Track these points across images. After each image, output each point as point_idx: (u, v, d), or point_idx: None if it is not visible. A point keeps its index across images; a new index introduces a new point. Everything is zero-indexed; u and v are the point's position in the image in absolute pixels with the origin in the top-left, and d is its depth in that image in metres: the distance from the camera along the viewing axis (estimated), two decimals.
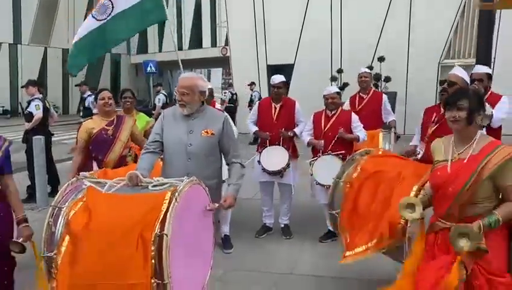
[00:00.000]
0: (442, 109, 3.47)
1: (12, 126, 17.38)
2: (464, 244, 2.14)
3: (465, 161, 2.27)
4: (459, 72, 3.54)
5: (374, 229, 3.02)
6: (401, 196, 2.62)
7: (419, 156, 3.61)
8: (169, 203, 2.26)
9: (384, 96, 5.47)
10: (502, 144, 2.28)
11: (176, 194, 2.31)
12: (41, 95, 6.88)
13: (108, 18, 5.38)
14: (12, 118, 23.24)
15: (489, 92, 3.97)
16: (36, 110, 6.61)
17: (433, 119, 3.58)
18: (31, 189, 6.48)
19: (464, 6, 12.77)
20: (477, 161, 2.23)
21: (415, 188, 2.85)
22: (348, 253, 3.15)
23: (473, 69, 4.21)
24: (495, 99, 3.89)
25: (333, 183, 3.49)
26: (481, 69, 4.15)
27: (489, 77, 4.03)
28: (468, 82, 3.56)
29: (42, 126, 6.68)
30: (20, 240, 2.76)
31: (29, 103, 6.74)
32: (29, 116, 6.65)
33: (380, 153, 3.64)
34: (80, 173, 3.65)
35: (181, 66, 5.70)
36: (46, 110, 6.78)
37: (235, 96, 14.31)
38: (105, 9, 5.42)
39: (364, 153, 3.54)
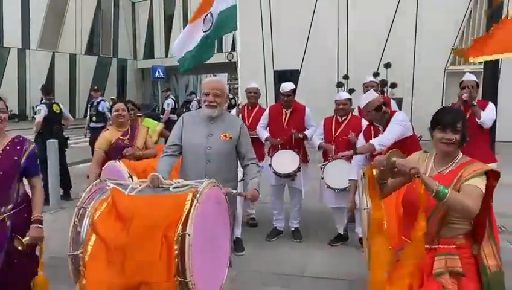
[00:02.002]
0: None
1: (20, 130, 17.57)
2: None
3: (445, 174, 2.22)
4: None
5: None
6: None
7: None
8: (191, 204, 2.35)
9: (393, 102, 5.57)
10: (476, 161, 2.24)
11: (197, 195, 2.40)
12: (44, 100, 6.97)
13: (210, 29, 5.70)
14: (20, 122, 23.45)
15: (477, 99, 4.53)
16: (37, 114, 6.78)
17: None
18: (44, 191, 6.56)
19: (470, 12, 12.85)
20: (455, 173, 2.19)
21: None
22: None
23: (463, 76, 4.66)
24: (484, 104, 4.51)
25: (365, 213, 3.17)
26: (471, 77, 4.59)
27: (477, 84, 4.54)
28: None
29: (49, 130, 6.76)
30: (25, 239, 2.66)
31: None
32: None
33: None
34: (108, 162, 3.84)
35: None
36: (53, 114, 6.88)
37: (233, 100, 14.32)
38: (209, 21, 5.76)
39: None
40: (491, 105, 4.55)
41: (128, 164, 3.74)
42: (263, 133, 5.09)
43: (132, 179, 3.53)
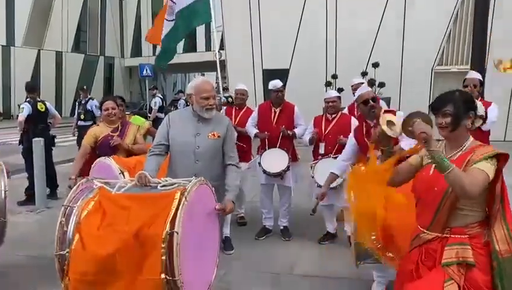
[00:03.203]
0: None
1: (5, 129, 17.30)
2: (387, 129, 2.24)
3: (454, 160, 2.16)
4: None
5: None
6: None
7: None
8: (179, 202, 2.33)
9: (382, 102, 5.58)
10: (485, 145, 2.22)
11: (186, 193, 2.38)
12: (29, 98, 6.86)
13: (174, 17, 5.84)
14: (4, 120, 23.09)
15: (479, 99, 4.19)
16: (20, 112, 6.69)
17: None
18: (30, 191, 6.49)
19: (457, 13, 12.99)
20: (464, 158, 2.15)
21: None
22: None
23: (466, 75, 4.45)
24: (486, 105, 4.15)
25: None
26: (474, 75, 4.37)
27: (481, 83, 4.28)
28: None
29: (34, 128, 6.65)
30: None
31: None
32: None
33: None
34: (98, 159, 3.79)
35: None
36: (38, 112, 6.76)
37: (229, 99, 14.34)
38: (172, 10, 5.88)
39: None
40: (493, 106, 4.21)
41: (118, 160, 3.71)
42: (252, 130, 5.09)
43: (123, 175, 3.50)
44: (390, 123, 2.53)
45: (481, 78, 4.32)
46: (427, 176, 2.21)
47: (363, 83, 5.69)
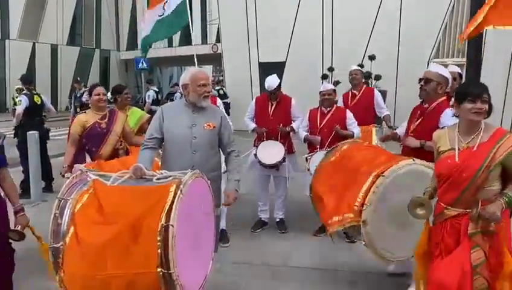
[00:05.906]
0: (426, 105, 3.55)
1: (0, 122, 17.21)
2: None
3: (475, 149, 2.39)
4: (434, 68, 3.61)
5: (338, 208, 3.26)
6: (359, 181, 3.10)
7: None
8: (175, 195, 2.33)
9: (376, 92, 5.60)
10: (509, 132, 2.42)
11: (181, 186, 2.38)
12: (25, 91, 6.83)
13: (161, 17, 6.22)
14: None
15: None
16: (17, 105, 6.67)
17: (417, 115, 3.61)
18: (25, 184, 6.46)
19: (454, 5, 12.95)
20: (489, 147, 2.35)
21: (371, 177, 3.11)
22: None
23: (449, 68, 4.52)
24: None
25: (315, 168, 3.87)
26: (454, 68, 4.50)
27: (460, 76, 4.48)
28: (448, 77, 3.56)
29: (30, 121, 6.63)
30: (18, 228, 2.85)
31: None
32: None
33: (365, 144, 3.91)
34: (75, 165, 3.71)
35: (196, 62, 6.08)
36: (34, 105, 6.73)
37: (221, 91, 14.29)
38: (161, 11, 6.28)
39: (352, 142, 3.85)
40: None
41: (99, 168, 3.56)
42: (250, 124, 5.08)
43: None
44: (420, 205, 2.61)
45: (460, 72, 4.51)
46: (454, 163, 2.41)
47: (360, 70, 5.67)
